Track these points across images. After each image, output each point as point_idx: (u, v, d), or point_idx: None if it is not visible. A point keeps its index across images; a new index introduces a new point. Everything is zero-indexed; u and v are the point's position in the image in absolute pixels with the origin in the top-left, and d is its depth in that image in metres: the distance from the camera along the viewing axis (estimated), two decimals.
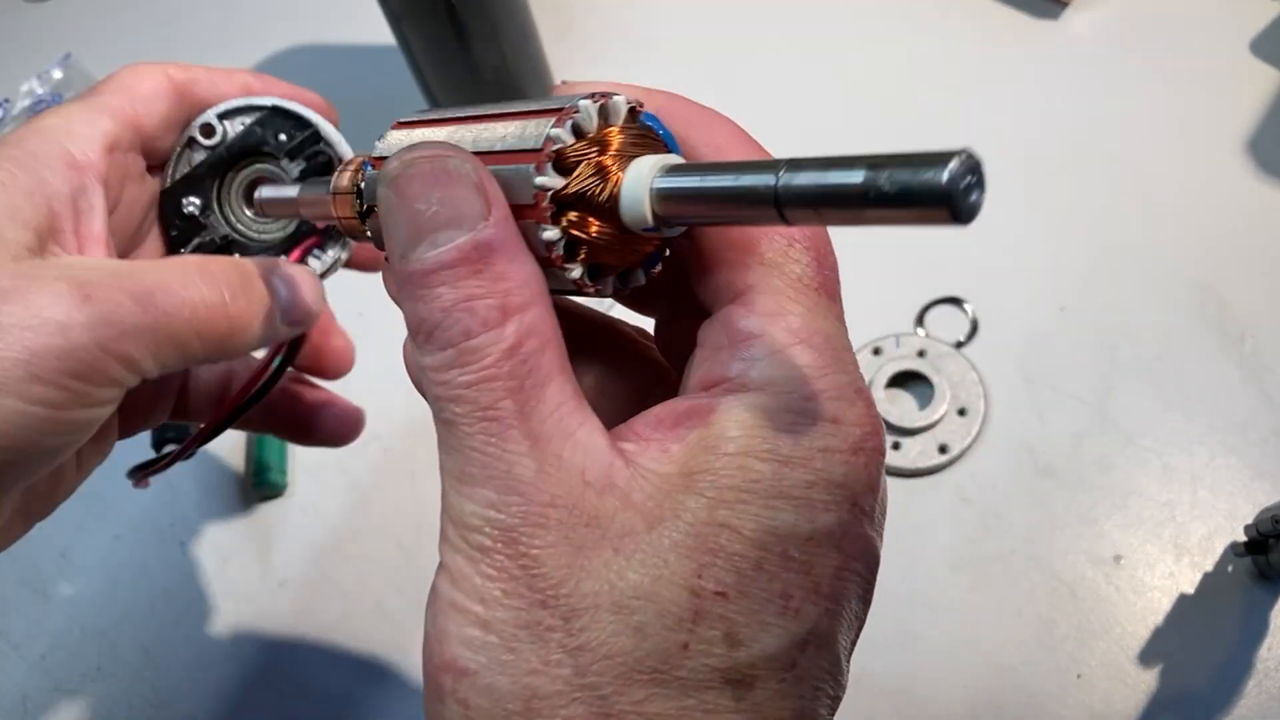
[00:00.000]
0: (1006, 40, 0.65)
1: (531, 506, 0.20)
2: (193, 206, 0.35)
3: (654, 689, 0.20)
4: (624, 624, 0.20)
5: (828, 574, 0.21)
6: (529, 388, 0.21)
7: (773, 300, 0.22)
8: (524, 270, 0.21)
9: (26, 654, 0.52)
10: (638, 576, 0.20)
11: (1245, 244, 0.55)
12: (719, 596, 0.20)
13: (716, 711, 0.20)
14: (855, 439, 0.22)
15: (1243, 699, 0.44)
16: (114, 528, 0.54)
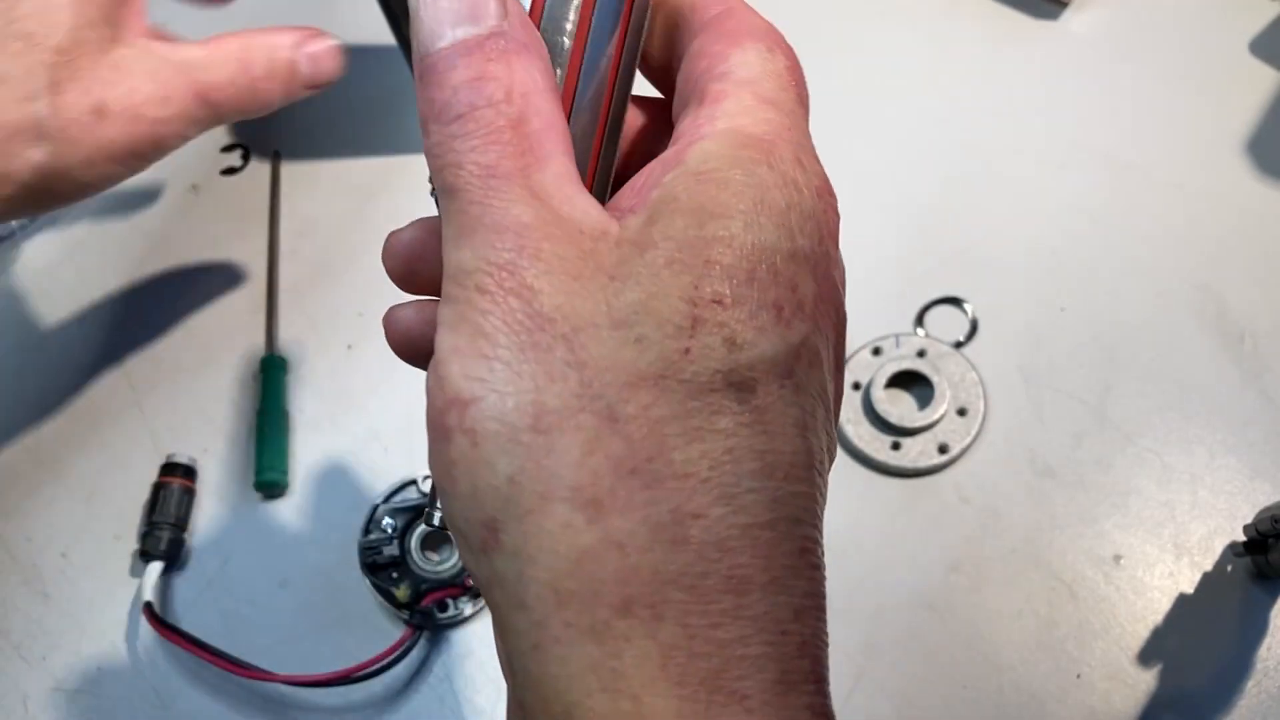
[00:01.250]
0: (1005, 40, 0.65)
1: (528, 242, 0.21)
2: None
3: (659, 394, 0.20)
4: (625, 337, 0.20)
5: (809, 297, 0.22)
6: (530, 157, 0.22)
7: (746, 80, 0.24)
8: (535, 65, 0.23)
9: (27, 654, 0.52)
10: (635, 294, 0.21)
11: (1245, 244, 0.55)
12: (716, 304, 0.21)
13: (721, 412, 0.20)
14: (818, 185, 0.24)
15: (1242, 699, 0.44)
16: (114, 527, 0.54)
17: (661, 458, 0.20)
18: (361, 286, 0.59)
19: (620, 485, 0.20)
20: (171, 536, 0.52)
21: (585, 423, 0.20)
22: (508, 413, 0.20)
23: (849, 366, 0.54)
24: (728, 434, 0.20)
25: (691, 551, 0.20)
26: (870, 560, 0.50)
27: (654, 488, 0.20)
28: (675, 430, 0.20)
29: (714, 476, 0.20)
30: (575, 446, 0.20)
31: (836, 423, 0.24)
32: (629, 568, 0.20)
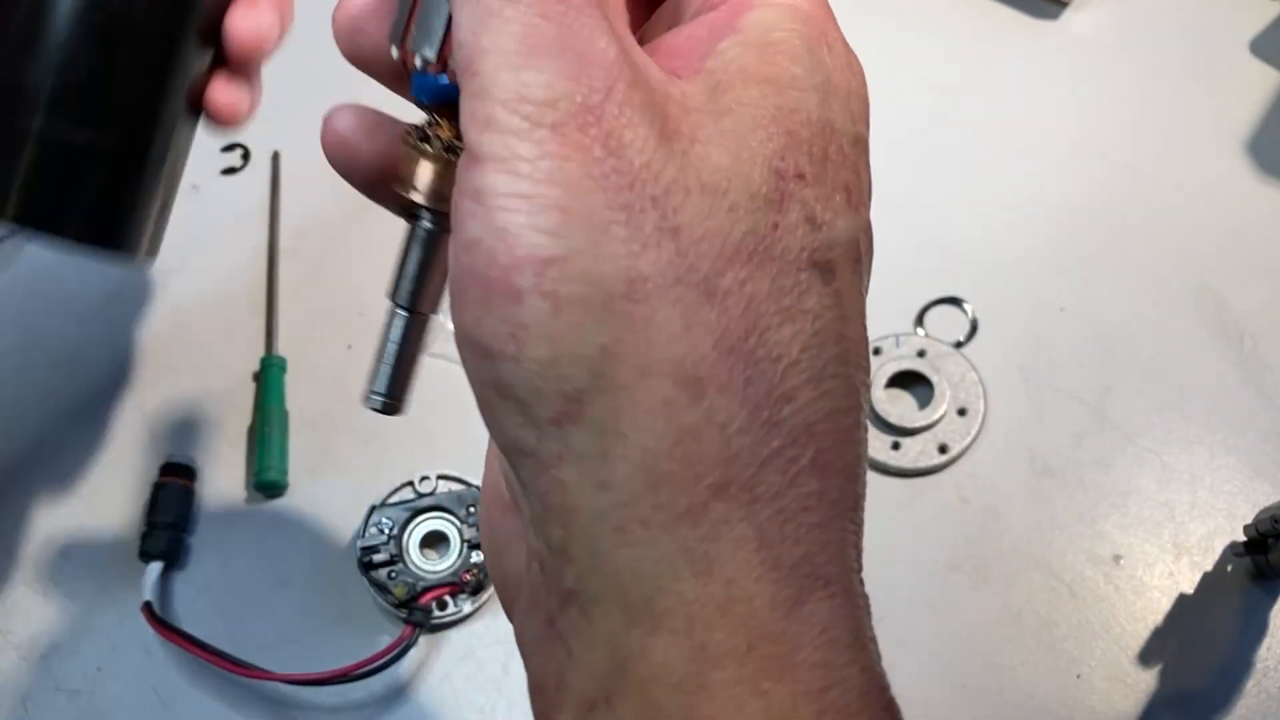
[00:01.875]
0: (1005, 40, 0.65)
1: (618, 84, 0.18)
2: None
3: (752, 268, 0.19)
4: (718, 204, 0.19)
5: (867, 185, 0.22)
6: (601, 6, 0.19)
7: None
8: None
9: (27, 654, 0.52)
10: (724, 159, 0.19)
11: (1245, 244, 0.55)
12: (799, 179, 0.20)
13: (809, 292, 0.20)
14: (860, 77, 0.23)
15: (1242, 698, 0.44)
16: (114, 527, 0.54)
17: (757, 335, 0.19)
18: (361, 286, 0.59)
19: (721, 362, 0.19)
20: (171, 536, 0.52)
21: (684, 295, 0.19)
22: (599, 277, 0.18)
23: None
24: (815, 315, 0.20)
25: (785, 434, 0.19)
26: (870, 560, 0.49)
27: (752, 366, 0.19)
28: (770, 309, 0.19)
29: (803, 359, 0.20)
30: (676, 319, 0.18)
31: None
32: (729, 449, 0.19)
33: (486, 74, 0.19)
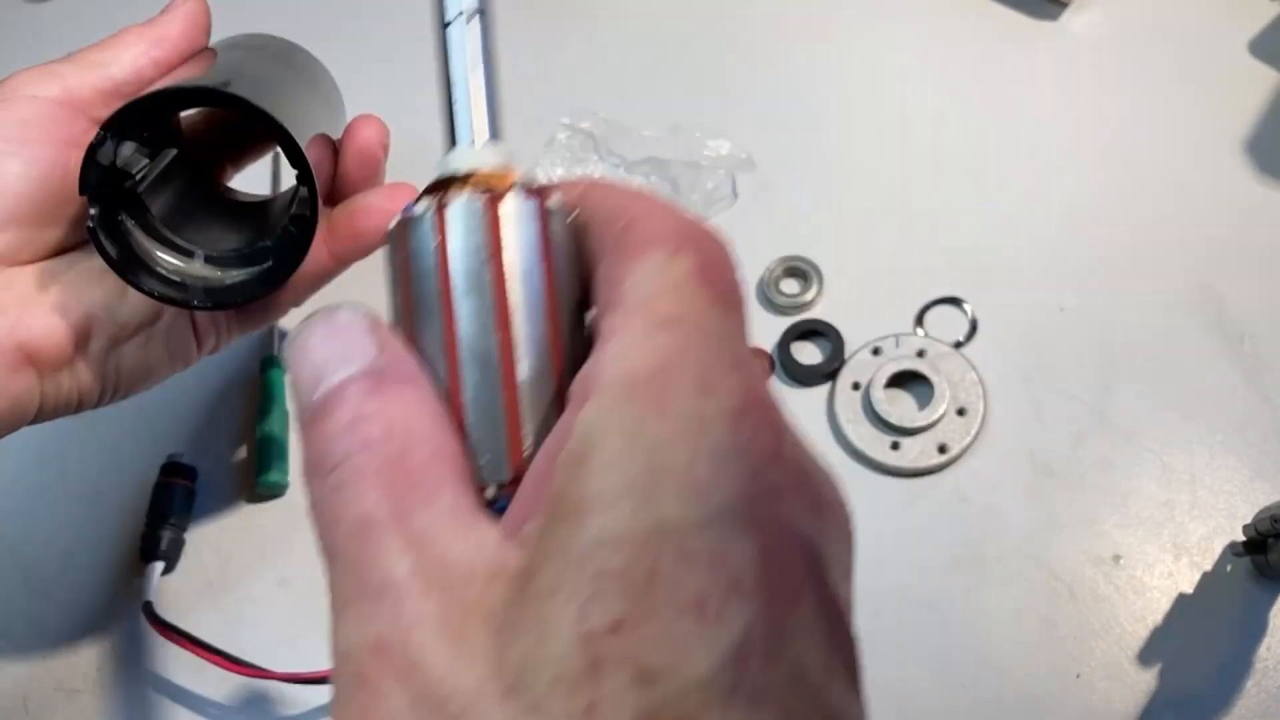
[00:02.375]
0: (1005, 41, 0.65)
1: (407, 607, 0.18)
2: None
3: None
4: (518, 710, 0.17)
5: (748, 565, 0.18)
6: (414, 495, 0.19)
7: (638, 304, 0.21)
8: (417, 395, 0.21)
9: (28, 654, 0.52)
10: (519, 649, 0.17)
11: (1244, 244, 0.55)
12: (614, 633, 0.17)
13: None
14: (733, 406, 0.19)
15: (1242, 698, 0.44)
16: (114, 527, 0.54)
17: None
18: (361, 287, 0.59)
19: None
20: (172, 536, 0.52)
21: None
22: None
23: (849, 367, 0.54)
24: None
25: None
26: (870, 560, 0.49)
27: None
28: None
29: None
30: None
31: (853, 676, 0.19)
32: None
33: (330, 633, 0.19)
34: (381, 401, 0.20)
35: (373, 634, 0.18)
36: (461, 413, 0.21)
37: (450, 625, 0.18)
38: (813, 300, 0.57)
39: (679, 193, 0.61)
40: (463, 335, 0.21)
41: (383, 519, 0.19)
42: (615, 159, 0.64)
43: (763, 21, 0.70)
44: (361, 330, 0.22)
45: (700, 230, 0.22)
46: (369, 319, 0.22)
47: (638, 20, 0.72)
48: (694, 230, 0.22)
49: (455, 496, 0.20)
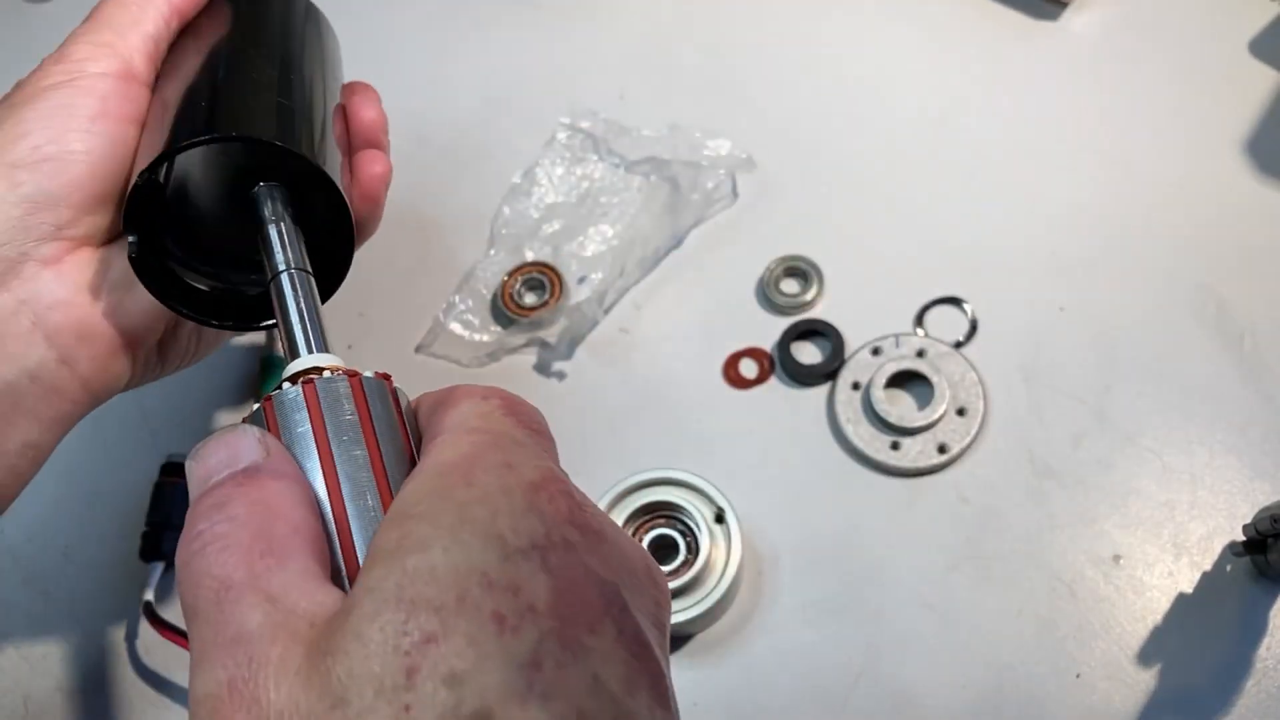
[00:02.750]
0: (1005, 40, 0.65)
1: (257, 650, 0.21)
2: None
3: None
4: (309, 690, 0.20)
5: (542, 594, 0.21)
6: (270, 559, 0.22)
7: (455, 425, 0.26)
8: (290, 487, 0.24)
9: (28, 653, 0.52)
10: (343, 668, 0.20)
11: (1244, 244, 0.55)
12: (428, 643, 0.20)
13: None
14: (531, 480, 0.24)
15: (1242, 698, 0.44)
16: (115, 527, 0.54)
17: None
18: (361, 286, 0.59)
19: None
20: (172, 536, 0.52)
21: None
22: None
23: (849, 367, 0.54)
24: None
25: None
26: (870, 560, 0.50)
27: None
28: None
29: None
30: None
31: (658, 696, 0.22)
32: None
33: (190, 689, 0.22)
34: (251, 488, 0.24)
35: (225, 678, 0.21)
36: (345, 519, 0.26)
37: (289, 663, 0.21)
38: (813, 300, 0.57)
39: (679, 193, 0.61)
40: (342, 472, 0.26)
41: (240, 580, 0.22)
42: (615, 159, 0.64)
43: (763, 22, 0.70)
44: (252, 439, 0.26)
45: (506, 393, 0.28)
46: (260, 432, 0.26)
47: (638, 20, 0.72)
48: (502, 391, 0.28)
49: (306, 563, 0.23)
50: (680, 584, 0.47)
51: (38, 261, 0.36)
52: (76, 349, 0.36)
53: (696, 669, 0.48)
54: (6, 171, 0.35)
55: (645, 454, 0.54)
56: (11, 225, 0.35)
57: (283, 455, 0.26)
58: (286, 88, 0.40)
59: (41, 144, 0.35)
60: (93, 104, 0.36)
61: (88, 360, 0.37)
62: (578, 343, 0.58)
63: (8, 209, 0.35)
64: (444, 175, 0.67)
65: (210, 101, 0.37)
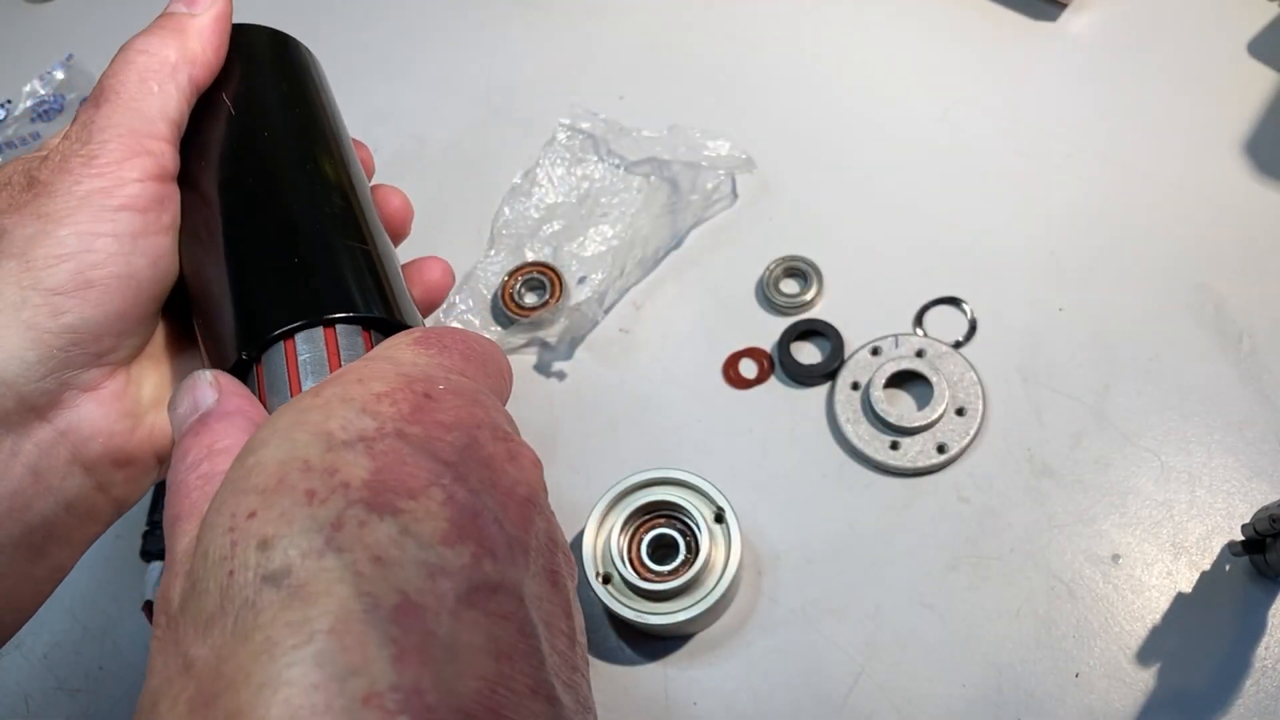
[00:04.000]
0: (1004, 41, 0.66)
1: (177, 563, 0.26)
2: None
3: (213, 627, 0.23)
4: (192, 591, 0.24)
5: (359, 473, 0.24)
6: (207, 489, 0.27)
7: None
8: (234, 422, 0.29)
9: (29, 653, 0.52)
10: (201, 550, 0.24)
11: (1243, 245, 0.55)
12: (250, 518, 0.24)
13: (262, 608, 0.22)
14: (376, 391, 0.27)
15: (1240, 697, 0.44)
16: (115, 527, 0.54)
17: (222, 680, 0.22)
18: None
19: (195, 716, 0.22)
20: None
21: (174, 681, 0.23)
22: (145, 695, 0.24)
23: (848, 366, 0.54)
24: (267, 624, 0.22)
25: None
26: (869, 559, 0.50)
27: (213, 705, 0.22)
28: (230, 648, 0.22)
29: (255, 669, 0.21)
30: (165, 702, 0.23)
31: (519, 557, 0.26)
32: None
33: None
34: (204, 434, 0.29)
35: (157, 595, 0.26)
36: None
37: (186, 565, 0.25)
38: (812, 300, 0.57)
39: (679, 193, 0.61)
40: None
41: (183, 512, 0.27)
42: (615, 159, 0.64)
43: (762, 22, 0.70)
44: (205, 384, 0.30)
45: (447, 327, 0.31)
46: (213, 375, 0.30)
47: (638, 20, 0.72)
48: (441, 327, 0.31)
49: None
50: (680, 583, 0.47)
51: (77, 389, 0.34)
52: (113, 474, 0.36)
53: (696, 668, 0.48)
54: (48, 298, 0.32)
55: (645, 453, 0.54)
56: (54, 358, 0.33)
57: (231, 392, 0.30)
58: (356, 220, 0.36)
59: (84, 269, 0.33)
60: (135, 221, 0.34)
61: (123, 484, 0.36)
62: (578, 343, 0.58)
63: (50, 339, 0.32)
64: (444, 175, 0.67)
65: (298, 273, 0.33)
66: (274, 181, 0.36)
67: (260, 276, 0.33)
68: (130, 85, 0.35)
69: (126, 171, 0.34)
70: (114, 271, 0.33)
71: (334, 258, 0.34)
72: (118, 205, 0.33)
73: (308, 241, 0.34)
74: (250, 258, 0.34)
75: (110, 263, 0.33)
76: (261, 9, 0.78)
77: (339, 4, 0.77)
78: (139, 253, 0.34)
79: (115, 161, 0.34)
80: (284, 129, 0.38)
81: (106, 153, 0.34)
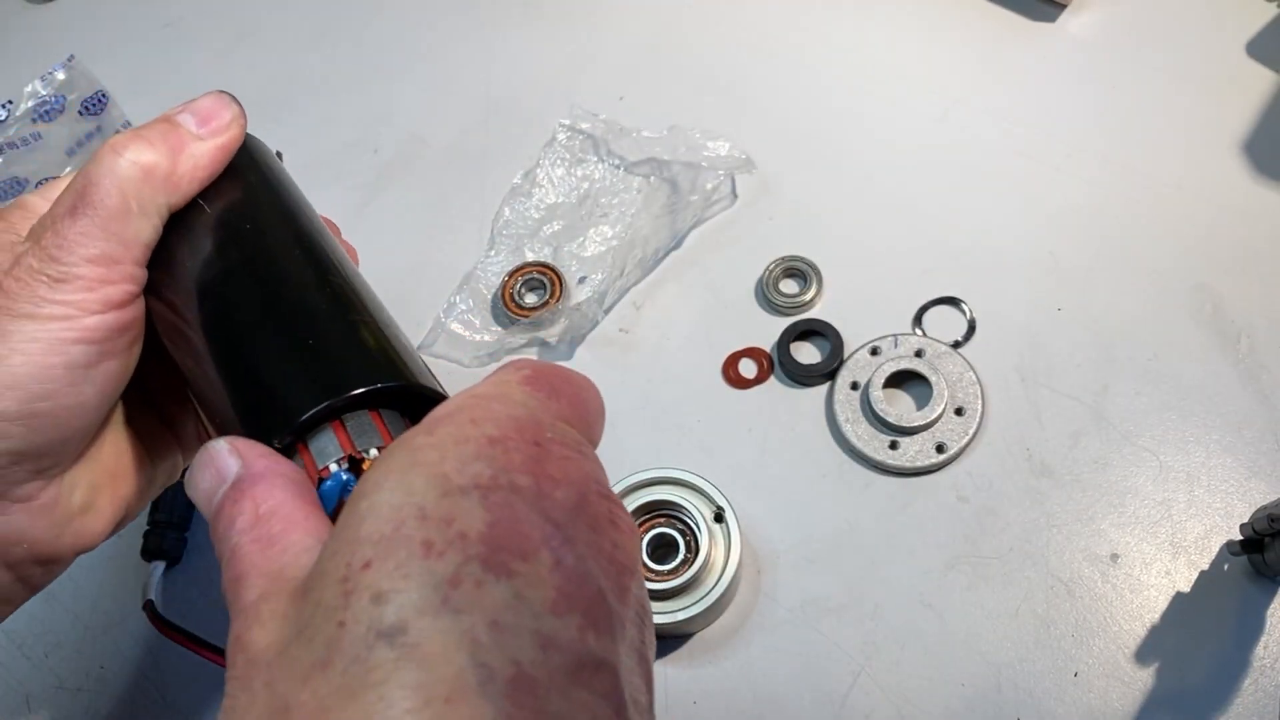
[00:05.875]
0: (1004, 42, 0.66)
1: (250, 610, 0.25)
2: None
3: (317, 675, 0.22)
4: (300, 639, 0.23)
5: (476, 525, 0.24)
6: (272, 549, 0.27)
7: (471, 388, 0.30)
8: (274, 484, 0.28)
9: (30, 652, 0.53)
10: (313, 599, 0.24)
11: (1242, 245, 0.56)
12: (365, 569, 0.23)
13: (376, 665, 0.22)
14: (490, 434, 0.26)
15: (1239, 697, 0.44)
16: None
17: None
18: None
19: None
20: (173, 536, 0.52)
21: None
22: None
23: (848, 366, 0.55)
24: (379, 682, 0.22)
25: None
26: (868, 558, 0.50)
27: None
28: (337, 700, 0.22)
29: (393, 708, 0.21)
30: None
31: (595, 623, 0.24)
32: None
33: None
34: (249, 499, 0.28)
35: (230, 639, 0.26)
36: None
37: (275, 610, 0.25)
38: (812, 300, 0.58)
39: (678, 193, 0.61)
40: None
41: (246, 571, 0.27)
42: (615, 160, 0.64)
43: (762, 22, 0.70)
44: (225, 454, 0.29)
45: (543, 361, 0.31)
46: (229, 444, 0.29)
47: (638, 21, 0.72)
48: (537, 360, 0.31)
49: (302, 539, 0.27)
50: (679, 583, 0.47)
51: (10, 501, 0.34)
52: (33, 570, 0.36)
53: (696, 667, 0.48)
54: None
55: (645, 454, 0.54)
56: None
57: (255, 455, 0.29)
58: (360, 295, 0.35)
59: (32, 400, 0.32)
60: (89, 353, 0.33)
61: (41, 576, 0.36)
62: (578, 343, 0.58)
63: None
64: (444, 175, 0.67)
65: (317, 353, 0.32)
66: (271, 268, 0.35)
67: (283, 361, 0.32)
68: (111, 201, 0.33)
69: (91, 302, 0.33)
70: (62, 403, 0.33)
71: (353, 334, 0.33)
72: (74, 339, 0.32)
73: (322, 322, 0.33)
74: (267, 345, 0.32)
75: (59, 394, 0.33)
76: (263, 11, 0.79)
77: (340, 4, 0.78)
78: (89, 382, 0.33)
79: (83, 288, 0.33)
80: (265, 219, 0.37)
81: (74, 277, 0.32)
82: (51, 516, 0.35)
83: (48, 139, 0.68)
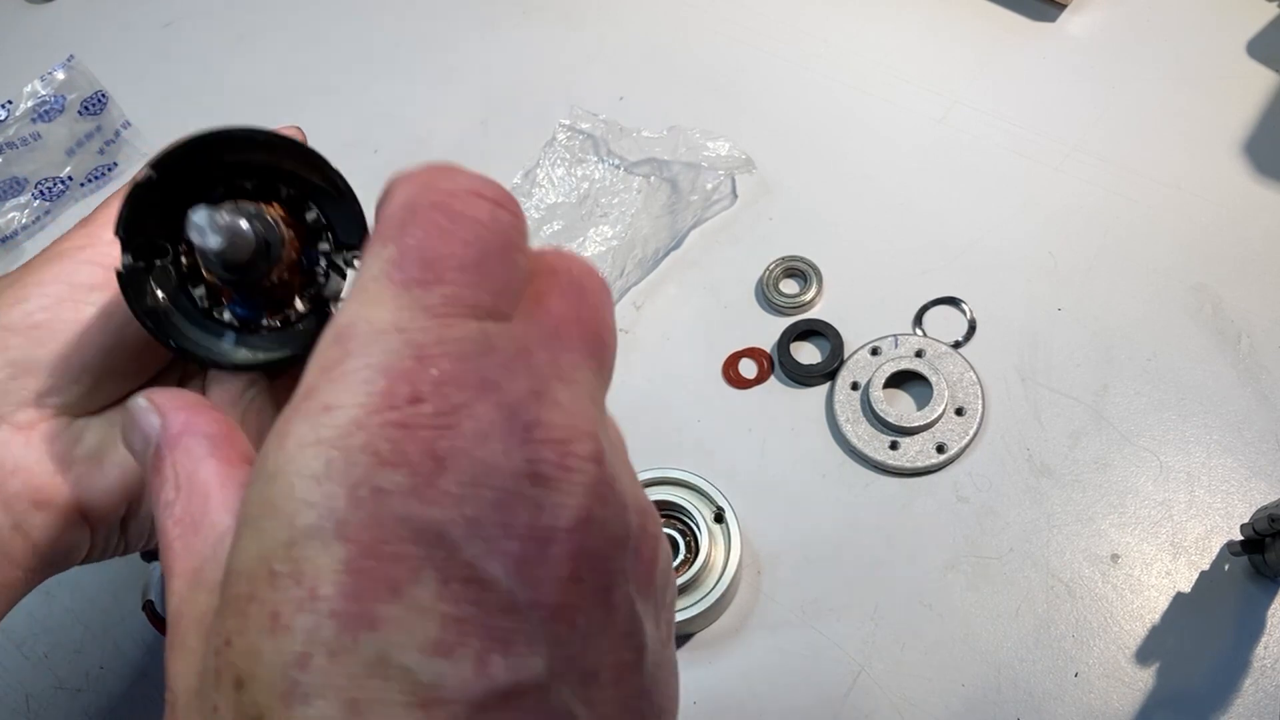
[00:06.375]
0: (1004, 41, 0.66)
1: (173, 604, 0.24)
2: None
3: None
4: (196, 664, 0.22)
5: (327, 572, 0.19)
6: (192, 538, 0.25)
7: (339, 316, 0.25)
8: (193, 443, 0.27)
9: (29, 652, 0.53)
10: (214, 582, 0.23)
11: (1241, 245, 0.56)
12: (227, 647, 0.20)
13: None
14: (350, 418, 0.20)
15: (1239, 697, 0.44)
16: None
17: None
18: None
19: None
20: None
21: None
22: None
23: (848, 366, 0.55)
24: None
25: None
26: (868, 559, 0.50)
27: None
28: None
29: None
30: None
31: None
32: None
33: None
34: (164, 465, 0.26)
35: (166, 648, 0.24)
36: None
37: (189, 643, 0.23)
38: (812, 300, 0.58)
39: (678, 193, 0.61)
40: None
41: (170, 568, 0.25)
42: (615, 160, 0.64)
43: (762, 23, 0.70)
44: (144, 410, 0.28)
45: (426, 197, 0.22)
46: (147, 397, 0.28)
47: (638, 22, 0.72)
48: (415, 203, 0.22)
49: (222, 515, 0.25)
50: (680, 583, 0.47)
51: (10, 426, 0.34)
52: (30, 515, 0.35)
53: (696, 667, 0.48)
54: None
55: (645, 453, 0.54)
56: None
57: (172, 408, 0.27)
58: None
59: (34, 310, 0.34)
60: (95, 273, 0.34)
61: (42, 529, 0.35)
62: None
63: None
64: None
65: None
66: None
67: None
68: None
69: (104, 232, 0.34)
70: (60, 316, 0.34)
71: None
72: (83, 260, 0.34)
73: None
74: None
75: (59, 307, 0.34)
76: (263, 11, 0.79)
77: (340, 4, 0.78)
78: (90, 303, 0.34)
79: (100, 223, 0.35)
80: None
81: (96, 216, 0.35)
82: (51, 450, 0.35)
83: (47, 139, 0.68)
